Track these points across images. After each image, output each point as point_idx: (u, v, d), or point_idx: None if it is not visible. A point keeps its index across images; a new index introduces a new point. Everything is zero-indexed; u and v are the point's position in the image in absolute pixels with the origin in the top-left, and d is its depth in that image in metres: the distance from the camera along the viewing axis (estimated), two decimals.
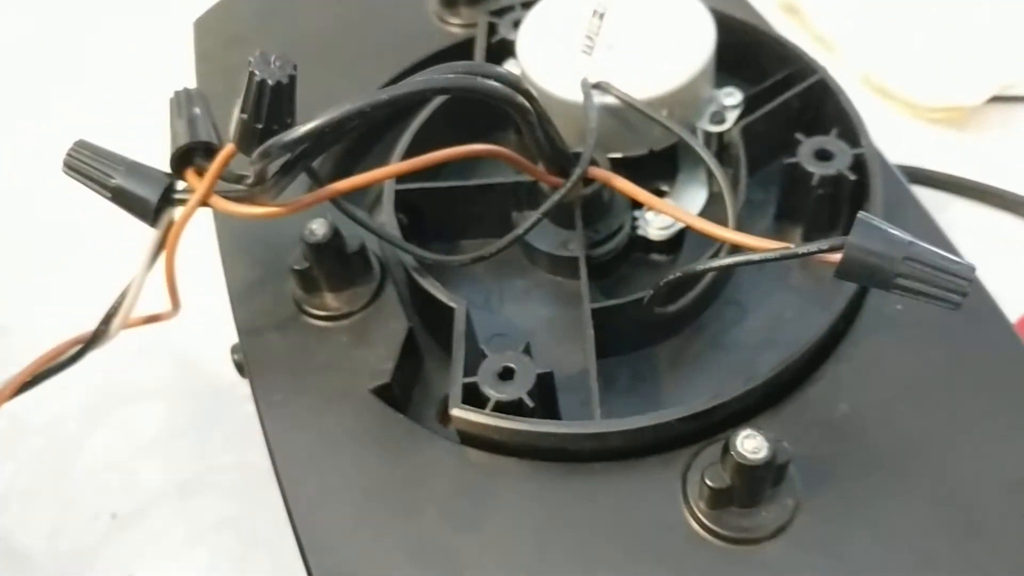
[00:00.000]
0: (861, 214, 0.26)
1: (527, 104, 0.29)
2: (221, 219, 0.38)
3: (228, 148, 0.29)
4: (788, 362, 0.31)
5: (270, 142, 0.27)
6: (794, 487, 0.30)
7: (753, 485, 0.28)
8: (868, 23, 0.52)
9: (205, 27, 0.47)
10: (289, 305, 0.36)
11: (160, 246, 0.32)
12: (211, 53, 0.46)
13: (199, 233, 0.33)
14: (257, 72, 0.26)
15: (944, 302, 0.25)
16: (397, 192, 0.37)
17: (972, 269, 0.25)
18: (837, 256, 0.26)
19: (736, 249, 0.31)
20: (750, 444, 0.28)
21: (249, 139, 0.28)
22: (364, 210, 0.39)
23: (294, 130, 0.27)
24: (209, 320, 0.39)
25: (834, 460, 0.31)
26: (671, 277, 0.31)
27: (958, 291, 0.25)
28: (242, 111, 0.26)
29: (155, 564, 0.39)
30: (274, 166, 0.29)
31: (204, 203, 0.30)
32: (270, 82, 0.26)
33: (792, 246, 0.27)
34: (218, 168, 0.29)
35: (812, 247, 0.26)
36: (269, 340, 0.35)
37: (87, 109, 0.57)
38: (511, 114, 0.30)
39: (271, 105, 0.26)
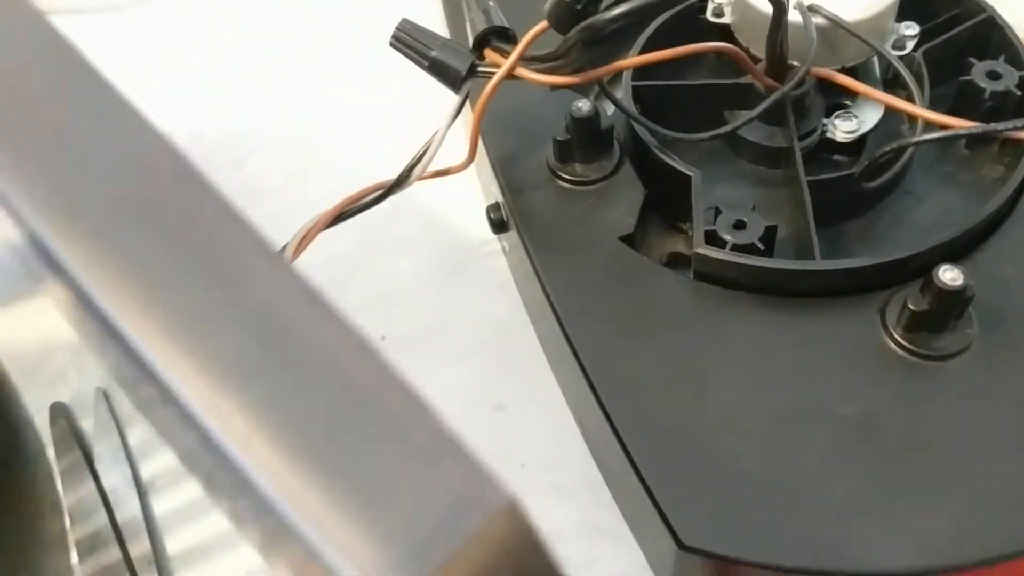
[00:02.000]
0: None
1: (784, 2, 0.37)
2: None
3: (542, 24, 0.37)
4: (967, 227, 0.39)
5: (592, 20, 0.35)
6: (972, 323, 0.38)
7: (946, 310, 0.36)
8: None
9: None
10: (544, 171, 0.44)
11: (459, 109, 0.40)
12: None
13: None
14: None
15: None
16: (633, 88, 0.45)
17: None
18: None
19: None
20: (949, 275, 0.36)
21: (566, 18, 0.36)
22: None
23: (611, 11, 0.35)
24: (452, 190, 0.47)
25: (1002, 308, 0.38)
26: (888, 148, 0.39)
27: None
28: None
29: (417, 378, 0.47)
30: (581, 43, 0.37)
31: (512, 72, 0.39)
32: None
33: (991, 124, 0.35)
34: (530, 39, 0.38)
35: (1008, 124, 0.34)
36: (530, 198, 0.44)
37: None
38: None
39: None
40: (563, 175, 0.44)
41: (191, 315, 0.17)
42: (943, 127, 0.38)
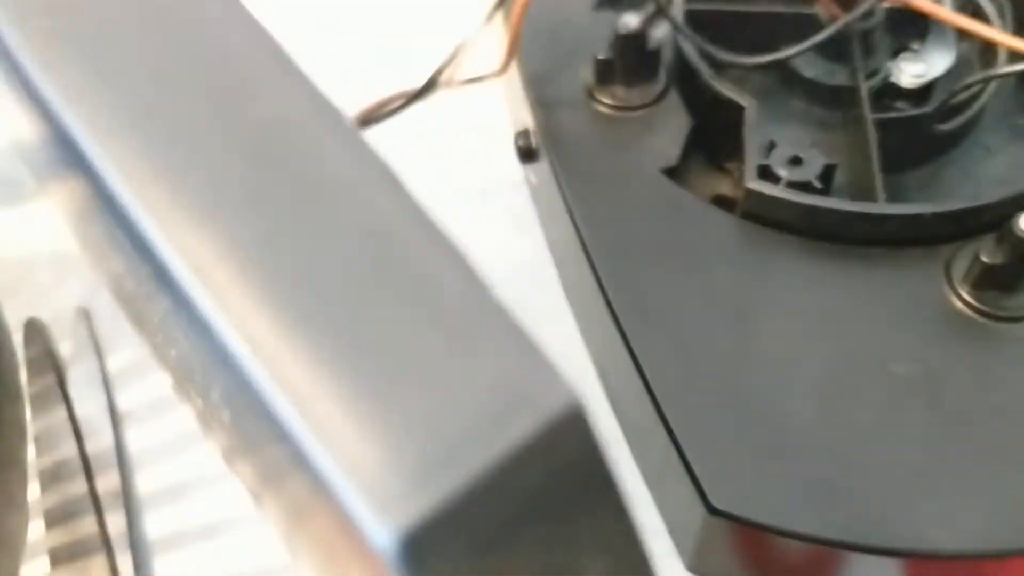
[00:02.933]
0: None
1: None
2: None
3: None
4: None
5: None
6: None
7: (1021, 265, 0.33)
8: None
9: None
10: (582, 94, 0.40)
11: (498, 4, 0.36)
12: None
13: None
14: None
15: None
16: (687, 12, 0.41)
17: None
18: None
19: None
20: None
21: None
22: None
23: None
24: (477, 112, 0.43)
25: None
26: (970, 80, 0.35)
27: None
28: None
29: None
30: None
31: None
32: None
33: None
34: None
35: None
36: (564, 123, 0.40)
37: None
38: None
39: None
40: (602, 99, 0.40)
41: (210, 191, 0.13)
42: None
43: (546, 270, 0.43)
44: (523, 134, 0.42)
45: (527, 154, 0.42)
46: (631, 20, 0.38)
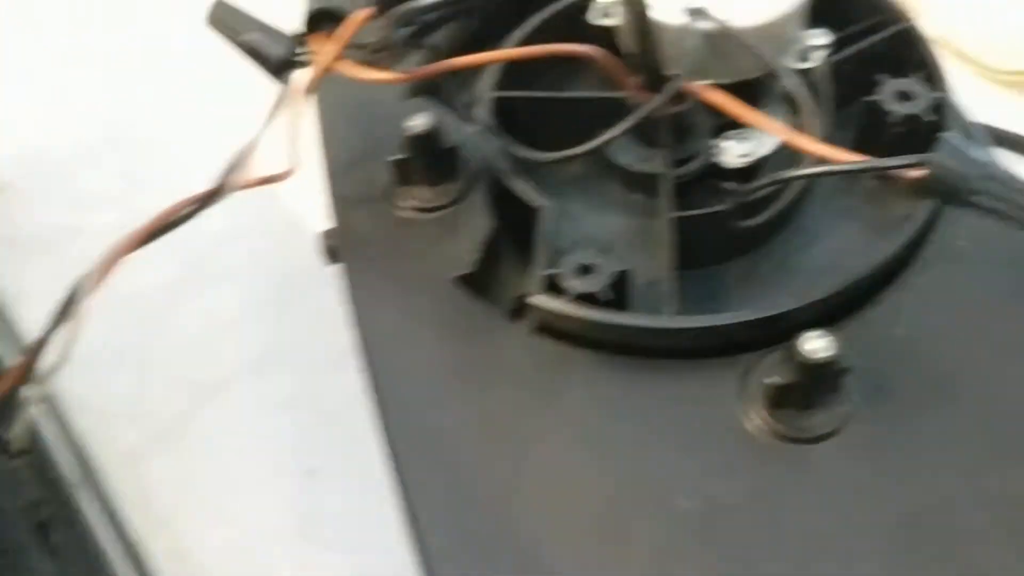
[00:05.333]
0: (946, 134, 0.27)
1: (640, 5, 0.31)
2: (324, 102, 0.40)
3: (363, 12, 0.31)
4: (852, 280, 0.33)
5: (405, 6, 0.29)
6: (848, 398, 0.31)
7: (812, 386, 0.30)
8: None
9: None
10: (381, 194, 0.38)
11: (281, 104, 0.34)
12: None
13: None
14: None
15: (1017, 221, 0.27)
16: (495, 99, 0.39)
17: None
18: (917, 172, 0.28)
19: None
20: (816, 344, 0.29)
21: (387, 4, 0.30)
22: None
23: None
24: (293, 205, 0.41)
25: (888, 378, 0.32)
26: (763, 182, 0.32)
27: None
28: None
29: (226, 433, 0.41)
30: (400, 34, 0.31)
31: (333, 64, 0.32)
32: None
33: (878, 160, 0.29)
34: (351, 29, 0.31)
35: (896, 161, 0.28)
36: (361, 224, 0.38)
37: None
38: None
39: None
40: (401, 200, 0.38)
41: None
42: (823, 160, 0.31)
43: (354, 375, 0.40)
44: (330, 233, 0.40)
45: (333, 254, 0.39)
46: (419, 120, 0.36)
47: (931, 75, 0.38)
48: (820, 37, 0.40)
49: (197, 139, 0.49)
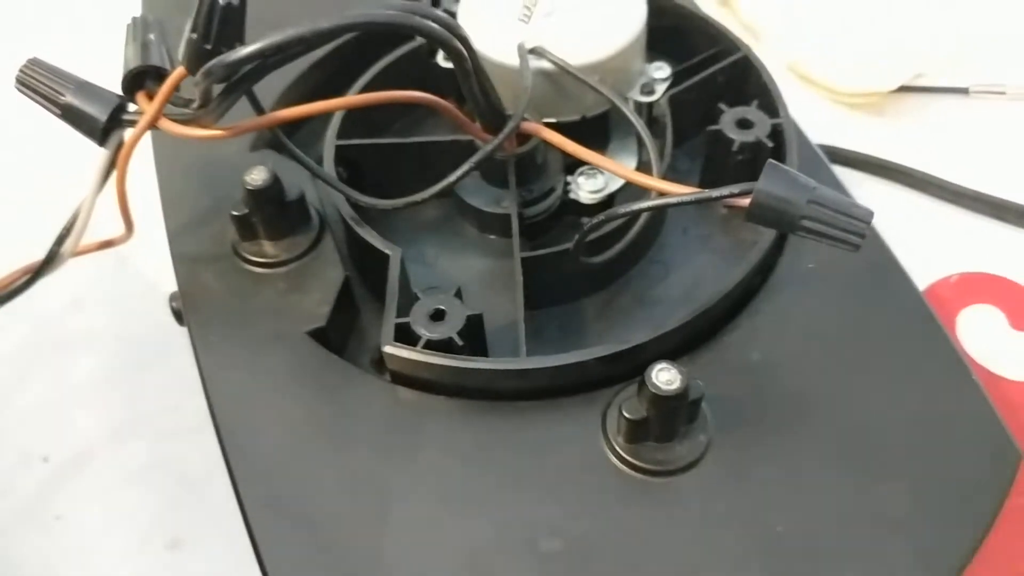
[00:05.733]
0: (770, 161, 0.28)
1: (463, 50, 0.30)
2: (162, 159, 0.39)
3: (179, 70, 0.30)
4: (704, 309, 0.33)
5: (213, 61, 0.28)
6: (707, 425, 0.31)
7: (668, 417, 0.30)
8: (793, 14, 0.55)
9: None
10: (227, 249, 0.37)
11: (110, 167, 0.33)
12: None
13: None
14: None
15: (845, 244, 0.27)
16: (338, 147, 0.38)
17: (870, 213, 0.27)
18: (747, 200, 0.28)
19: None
20: (664, 376, 0.29)
21: (198, 60, 0.29)
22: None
23: (237, 50, 0.28)
24: (146, 266, 0.40)
25: (745, 403, 0.32)
26: (594, 221, 0.32)
27: (857, 232, 0.27)
28: (192, 31, 0.27)
29: (86, 506, 0.39)
30: (217, 89, 0.30)
31: (153, 124, 0.31)
32: (221, 2, 0.27)
33: (706, 191, 0.29)
34: (168, 89, 0.30)
35: (724, 191, 0.28)
36: (207, 282, 0.36)
37: (43, 34, 0.56)
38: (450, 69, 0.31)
39: (221, 26, 0.27)
40: (247, 255, 0.36)
41: None
42: (666, 194, 0.31)
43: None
44: (176, 295, 0.38)
45: (179, 316, 0.38)
46: (257, 174, 0.35)
47: (768, 101, 0.39)
48: (661, 70, 0.40)
49: (23, 208, 0.47)
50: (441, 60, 0.41)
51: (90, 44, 0.38)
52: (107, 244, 0.36)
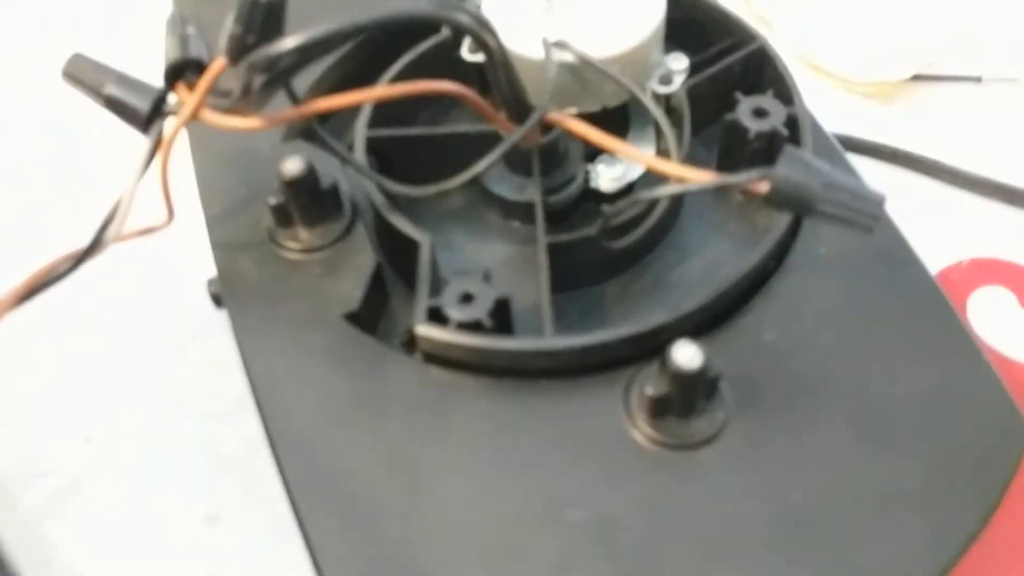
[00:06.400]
0: (787, 146, 0.29)
1: (492, 42, 0.32)
2: (198, 149, 0.40)
3: (218, 62, 0.31)
4: (721, 291, 0.34)
5: (258, 53, 0.30)
6: (725, 403, 0.33)
7: (688, 393, 0.32)
8: (806, 5, 0.56)
9: None
10: (263, 236, 0.38)
11: (151, 156, 0.34)
12: None
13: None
14: None
15: (859, 226, 0.29)
16: (368, 139, 0.40)
17: (883, 196, 0.29)
18: (765, 185, 0.29)
19: None
20: (685, 354, 0.31)
21: (241, 53, 0.30)
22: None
23: (280, 43, 0.30)
24: (185, 252, 0.41)
25: (761, 382, 0.34)
26: (619, 205, 0.34)
27: (871, 214, 0.29)
28: (235, 25, 0.29)
29: (126, 485, 0.41)
30: (259, 80, 0.31)
31: (196, 113, 0.33)
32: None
33: (726, 176, 0.30)
34: (209, 80, 0.32)
35: (742, 176, 0.30)
36: (244, 268, 0.38)
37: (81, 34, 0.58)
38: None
39: (264, 20, 0.29)
40: (283, 242, 0.38)
41: None
42: (685, 180, 0.33)
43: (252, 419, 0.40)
44: (214, 280, 0.40)
45: (217, 300, 0.40)
46: (292, 163, 0.37)
47: (783, 91, 0.40)
48: (679, 61, 0.42)
49: (68, 196, 0.48)
50: (465, 53, 0.43)
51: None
52: (147, 231, 0.38)
